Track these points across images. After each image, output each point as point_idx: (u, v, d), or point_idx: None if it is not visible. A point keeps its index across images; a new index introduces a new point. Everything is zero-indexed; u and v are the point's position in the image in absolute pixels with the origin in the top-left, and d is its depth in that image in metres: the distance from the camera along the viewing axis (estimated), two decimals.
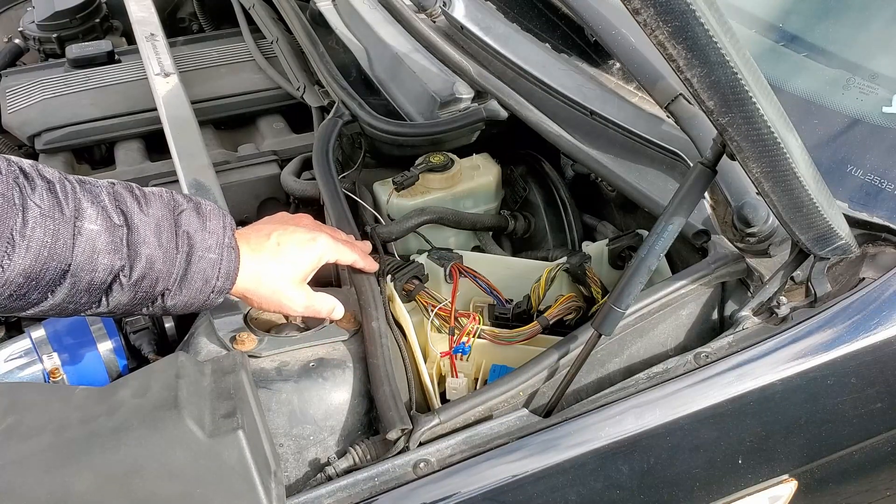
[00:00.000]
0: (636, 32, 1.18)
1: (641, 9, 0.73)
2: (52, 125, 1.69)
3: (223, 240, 0.92)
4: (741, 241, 1.10)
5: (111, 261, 0.82)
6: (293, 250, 1.00)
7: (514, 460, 0.91)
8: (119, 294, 0.85)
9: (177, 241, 0.88)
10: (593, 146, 1.29)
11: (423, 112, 1.49)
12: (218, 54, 1.96)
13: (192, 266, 0.89)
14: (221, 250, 0.91)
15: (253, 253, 0.96)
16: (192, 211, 0.91)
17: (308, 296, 1.02)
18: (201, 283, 0.90)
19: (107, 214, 0.83)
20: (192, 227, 0.89)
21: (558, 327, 1.13)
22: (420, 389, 1.05)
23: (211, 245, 0.90)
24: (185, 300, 0.90)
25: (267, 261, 0.97)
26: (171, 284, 0.88)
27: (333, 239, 1.06)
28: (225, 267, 0.91)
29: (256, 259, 0.96)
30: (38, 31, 2.10)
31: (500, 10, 1.59)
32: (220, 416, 0.83)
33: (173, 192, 0.92)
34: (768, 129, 0.82)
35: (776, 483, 1.00)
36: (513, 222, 1.45)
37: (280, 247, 0.99)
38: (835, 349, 0.98)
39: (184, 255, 0.88)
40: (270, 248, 0.98)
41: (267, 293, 0.97)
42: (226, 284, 0.92)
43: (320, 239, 1.03)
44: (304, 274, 1.02)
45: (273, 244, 0.99)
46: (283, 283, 0.98)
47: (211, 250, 0.90)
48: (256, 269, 0.96)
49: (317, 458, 0.97)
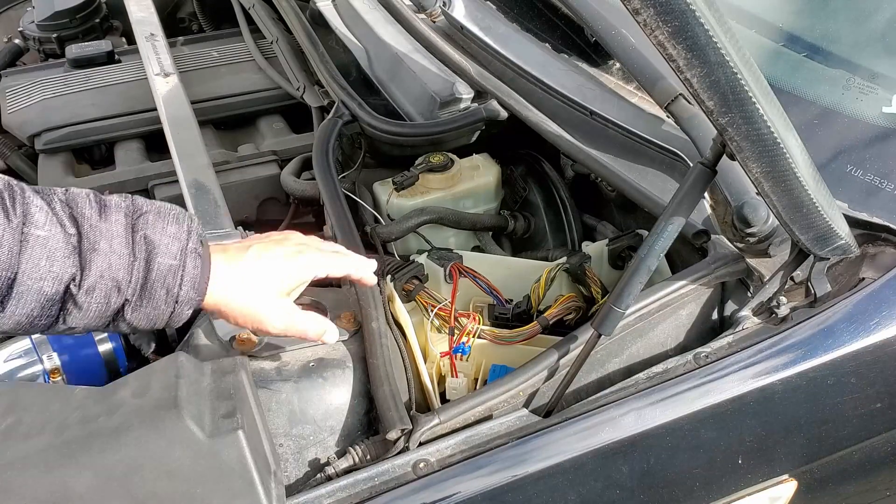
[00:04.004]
0: (636, 32, 1.18)
1: (641, 9, 0.73)
2: (52, 125, 1.69)
3: (186, 245, 0.83)
4: (741, 241, 1.10)
5: (60, 269, 0.76)
6: (275, 262, 0.91)
7: (514, 460, 0.91)
8: (74, 308, 0.78)
9: (133, 246, 0.80)
10: (593, 146, 1.29)
11: (423, 112, 1.49)
12: (218, 54, 1.96)
13: (151, 273, 0.80)
14: (184, 256, 0.82)
15: (228, 263, 0.88)
16: (153, 215, 0.83)
17: (291, 314, 0.92)
18: (164, 293, 0.81)
19: (57, 221, 0.77)
20: (151, 231, 0.82)
21: (558, 327, 1.13)
22: (420, 389, 1.05)
23: (173, 250, 0.82)
24: (148, 313, 0.82)
25: (243, 272, 0.88)
26: (132, 295, 0.80)
27: (322, 252, 0.98)
28: (189, 274, 0.82)
29: (231, 269, 0.88)
30: (38, 31, 2.10)
31: (500, 10, 1.59)
32: (220, 416, 0.83)
33: (135, 198, 0.85)
34: (768, 129, 0.82)
35: (776, 483, 1.00)
36: (513, 222, 1.45)
37: (260, 259, 0.90)
38: (835, 349, 0.98)
39: (142, 261, 0.80)
40: (249, 259, 0.90)
41: (241, 307, 0.88)
42: (191, 294, 0.83)
43: (307, 251, 0.95)
44: (286, 288, 0.92)
45: (252, 255, 0.90)
46: (262, 297, 0.89)
47: (172, 256, 0.82)
48: (230, 280, 0.87)
49: (317, 458, 0.97)
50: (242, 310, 0.88)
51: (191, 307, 0.84)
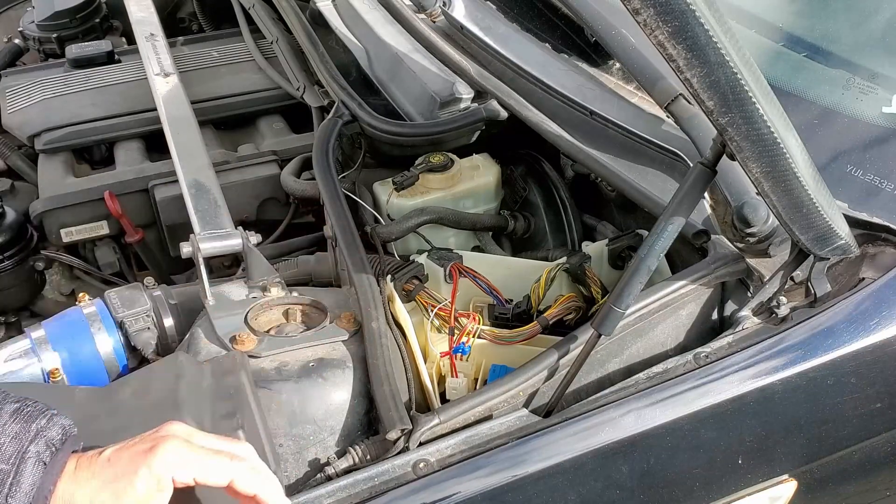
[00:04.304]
0: (636, 32, 1.18)
1: (641, 9, 0.73)
2: (52, 125, 1.69)
3: (26, 448, 0.69)
4: (741, 241, 1.10)
5: None
6: (120, 468, 0.72)
7: (514, 460, 0.91)
8: None
9: None
10: (593, 146, 1.29)
11: (423, 112, 1.49)
12: (218, 54, 1.96)
13: None
14: (18, 461, 0.69)
15: (75, 474, 0.72)
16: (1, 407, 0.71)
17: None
18: None
19: None
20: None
21: (558, 327, 1.13)
22: (420, 389, 1.05)
23: (7, 453, 0.69)
24: None
25: (83, 483, 0.71)
26: None
27: (190, 447, 0.74)
28: (24, 486, 0.68)
29: (74, 482, 0.71)
30: (38, 31, 2.10)
31: (500, 10, 1.59)
32: (220, 416, 0.83)
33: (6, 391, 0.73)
34: (768, 129, 0.82)
35: (776, 483, 1.00)
36: (513, 222, 1.45)
37: (109, 463, 0.72)
38: (835, 349, 0.98)
39: None
40: (96, 467, 0.72)
41: None
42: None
43: (161, 446, 0.72)
44: (143, 491, 0.71)
45: (102, 460, 0.72)
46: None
47: (4, 460, 0.69)
48: (70, 497, 0.71)
49: (317, 458, 0.97)
50: None
51: None
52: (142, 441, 0.74)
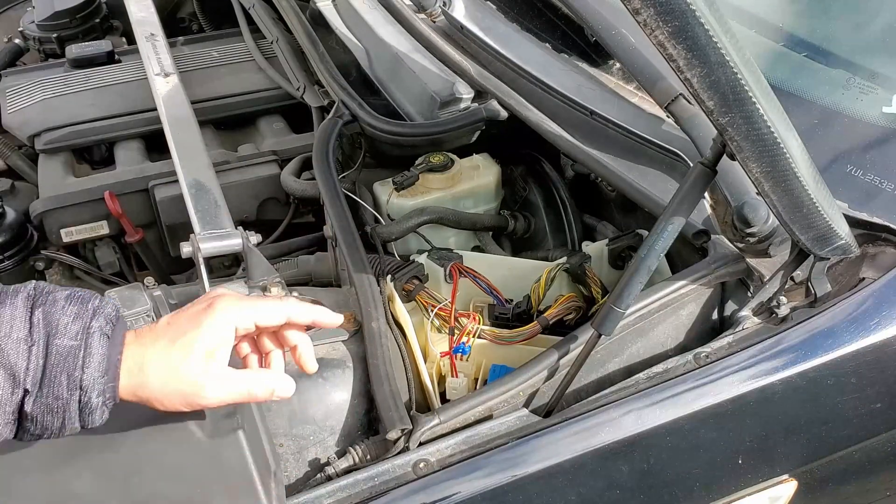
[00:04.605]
0: (636, 32, 1.18)
1: (641, 9, 0.73)
2: (52, 125, 1.69)
3: (89, 324, 0.73)
4: (741, 241, 1.10)
5: None
6: (182, 328, 0.77)
7: (514, 460, 0.91)
8: None
9: (31, 329, 0.71)
10: (593, 146, 1.29)
11: (423, 112, 1.49)
12: (218, 54, 1.96)
13: (50, 358, 0.71)
14: (85, 336, 0.72)
15: (137, 341, 0.76)
16: (54, 296, 0.74)
17: (227, 381, 0.78)
18: (65, 379, 0.71)
19: None
20: (49, 312, 0.73)
21: (558, 327, 1.13)
22: (420, 389, 1.05)
23: (73, 331, 0.72)
24: (51, 404, 0.71)
25: (149, 347, 0.76)
26: (31, 384, 0.70)
27: (241, 298, 0.83)
28: (95, 357, 0.72)
29: (140, 346, 0.76)
30: (38, 31, 2.10)
31: (500, 10, 1.59)
32: (220, 416, 0.83)
33: (39, 283, 0.76)
34: (768, 129, 0.82)
35: (776, 483, 1.00)
36: (513, 222, 1.45)
37: (169, 326, 0.78)
38: (835, 349, 0.98)
39: (40, 346, 0.71)
40: (158, 331, 0.78)
41: (161, 388, 0.76)
42: (98, 379, 0.72)
43: (218, 303, 0.79)
44: (203, 353, 0.77)
45: (161, 326, 0.78)
46: (178, 370, 0.76)
47: (72, 336, 0.72)
48: (140, 358, 0.75)
49: (317, 458, 0.97)
50: (163, 389, 0.76)
51: (101, 395, 0.73)
52: (197, 303, 0.81)
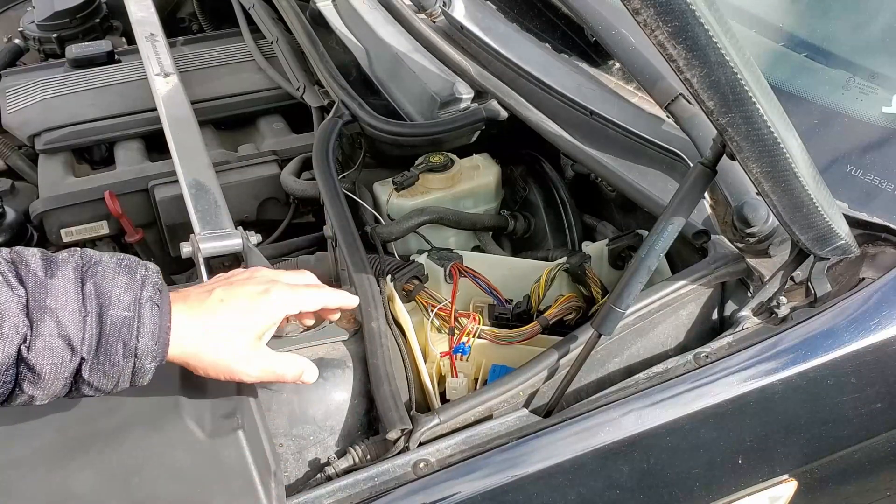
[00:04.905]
0: (636, 32, 1.18)
1: (641, 9, 0.73)
2: (52, 125, 1.69)
3: (140, 294, 0.77)
4: (741, 241, 1.10)
5: (9, 330, 0.72)
6: (240, 306, 0.86)
7: (514, 460, 0.91)
8: (28, 372, 0.73)
9: (83, 300, 0.75)
10: (593, 146, 1.29)
11: (423, 112, 1.49)
12: (218, 54, 1.96)
13: (105, 328, 0.75)
14: (139, 307, 0.77)
15: (190, 311, 0.83)
16: (102, 266, 0.78)
17: (266, 360, 0.87)
18: (121, 348, 0.75)
19: (3, 280, 0.74)
20: (100, 284, 0.76)
21: (558, 327, 1.13)
22: (420, 389, 1.05)
23: (125, 301, 0.76)
24: (107, 370, 0.76)
25: (206, 320, 0.83)
26: (87, 353, 0.74)
27: (292, 287, 0.92)
28: (148, 326, 0.77)
29: (195, 318, 0.82)
30: (38, 31, 2.10)
31: (500, 10, 1.59)
32: (220, 416, 0.83)
33: (85, 251, 0.80)
34: (768, 129, 0.82)
35: (776, 483, 1.00)
36: (513, 222, 1.45)
37: (224, 303, 0.85)
38: (835, 349, 0.98)
39: (94, 316, 0.75)
40: (211, 306, 0.84)
41: (212, 359, 0.83)
42: (151, 346, 0.77)
43: (274, 290, 0.89)
44: (256, 333, 0.86)
45: (215, 300, 0.85)
46: (230, 345, 0.84)
47: (125, 307, 0.76)
48: (194, 329, 0.82)
49: (317, 458, 0.97)
50: (213, 360, 0.83)
51: (154, 361, 0.78)
52: (251, 281, 0.90)
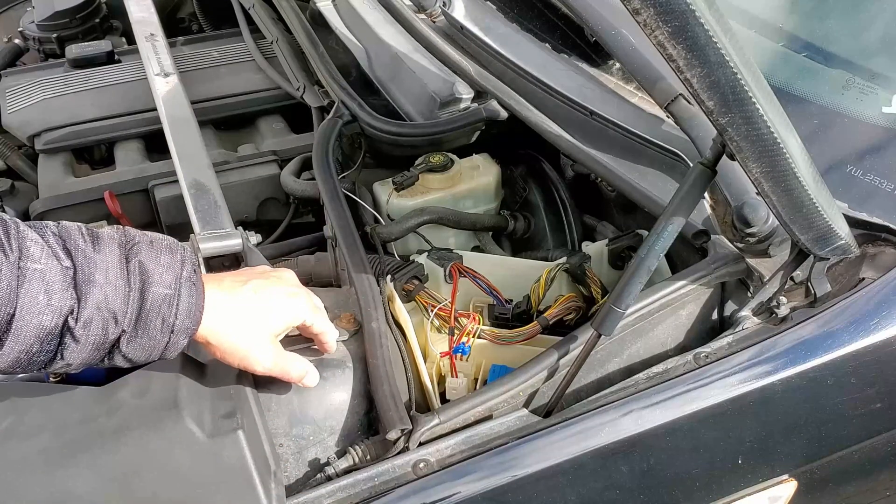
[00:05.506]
0: (636, 32, 1.18)
1: (641, 9, 0.73)
2: (52, 125, 1.69)
3: (181, 273, 0.82)
4: (741, 241, 1.10)
5: (59, 301, 0.75)
6: (271, 301, 0.91)
7: (514, 460, 0.91)
8: (72, 342, 0.76)
9: (128, 276, 0.79)
10: (593, 146, 1.29)
11: (423, 112, 1.49)
12: (218, 54, 1.96)
13: (146, 303, 0.79)
14: (179, 285, 0.82)
15: (224, 295, 0.87)
16: (145, 245, 0.82)
17: (278, 355, 0.91)
18: (159, 323, 0.80)
19: (52, 253, 0.76)
20: (144, 262, 0.81)
21: (558, 327, 1.13)
22: (420, 389, 1.05)
23: (167, 280, 0.81)
24: (143, 343, 0.80)
25: (238, 307, 0.88)
26: (128, 325, 0.79)
27: (314, 306, 0.98)
28: (185, 304, 0.82)
29: (227, 303, 0.87)
30: (38, 31, 2.10)
31: (500, 10, 1.59)
32: (220, 416, 0.83)
33: (127, 229, 0.84)
34: (768, 129, 0.82)
35: (776, 483, 1.00)
36: (513, 222, 1.45)
37: (256, 295, 0.90)
38: (835, 349, 0.98)
39: (137, 291, 0.79)
40: (245, 295, 0.89)
41: (232, 343, 0.87)
42: (186, 323, 0.82)
43: (302, 296, 0.96)
44: (276, 330, 0.92)
45: (248, 290, 0.90)
46: (252, 335, 0.89)
47: (167, 285, 0.81)
48: (224, 313, 0.86)
49: (317, 458, 0.97)
50: (233, 344, 0.87)
51: (186, 337, 0.83)
52: (283, 280, 0.96)
